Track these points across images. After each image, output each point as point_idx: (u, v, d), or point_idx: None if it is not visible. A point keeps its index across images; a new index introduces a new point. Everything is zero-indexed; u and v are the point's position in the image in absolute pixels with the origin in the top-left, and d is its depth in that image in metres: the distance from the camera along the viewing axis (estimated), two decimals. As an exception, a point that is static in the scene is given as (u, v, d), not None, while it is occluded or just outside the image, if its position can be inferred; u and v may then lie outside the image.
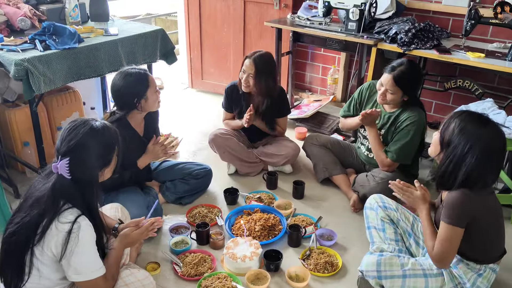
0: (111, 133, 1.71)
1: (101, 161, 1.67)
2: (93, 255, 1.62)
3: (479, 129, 1.74)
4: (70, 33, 2.64)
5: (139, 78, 2.32)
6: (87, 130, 1.62)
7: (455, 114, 1.83)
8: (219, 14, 4.15)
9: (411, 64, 2.50)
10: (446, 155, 1.79)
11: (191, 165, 2.80)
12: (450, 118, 1.82)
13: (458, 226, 1.76)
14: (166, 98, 4.43)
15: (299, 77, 4.28)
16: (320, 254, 2.28)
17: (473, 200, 1.75)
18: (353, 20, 3.18)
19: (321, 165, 2.91)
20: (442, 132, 1.83)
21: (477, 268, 1.88)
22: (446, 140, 1.80)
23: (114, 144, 1.72)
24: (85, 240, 1.58)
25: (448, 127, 1.80)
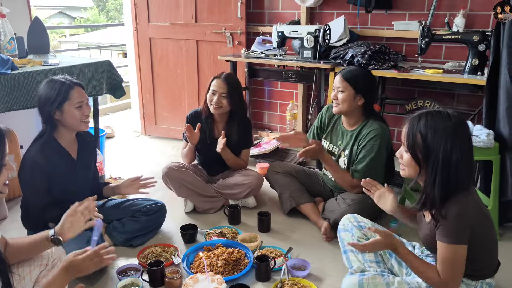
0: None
1: None
2: None
3: (449, 121, 1.55)
4: (2, 60, 2.39)
5: (59, 87, 2.06)
6: None
7: (412, 123, 1.60)
8: (171, 56, 4.04)
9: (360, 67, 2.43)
10: (431, 168, 1.55)
11: (141, 201, 2.49)
12: (411, 130, 1.59)
13: (462, 243, 1.53)
14: (117, 147, 4.15)
15: (257, 116, 4.15)
16: (293, 286, 1.98)
17: (469, 208, 1.54)
18: (308, 48, 3.12)
19: (287, 194, 2.68)
20: (410, 149, 1.60)
21: (473, 285, 1.65)
22: (421, 153, 1.57)
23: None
24: None
25: (415, 139, 1.58)
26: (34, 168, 2.05)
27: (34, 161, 2.06)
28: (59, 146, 2.16)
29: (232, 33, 3.73)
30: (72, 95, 2.09)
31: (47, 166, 2.08)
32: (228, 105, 2.70)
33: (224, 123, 2.79)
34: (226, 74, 2.72)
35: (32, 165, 2.06)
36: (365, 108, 2.44)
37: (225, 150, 2.72)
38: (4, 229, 2.55)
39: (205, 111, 2.79)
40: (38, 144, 2.12)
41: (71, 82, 2.12)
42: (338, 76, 2.43)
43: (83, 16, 23.35)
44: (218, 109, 2.69)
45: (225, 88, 2.66)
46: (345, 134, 2.52)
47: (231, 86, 2.68)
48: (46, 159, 2.08)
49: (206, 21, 3.82)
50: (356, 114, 2.46)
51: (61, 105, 2.07)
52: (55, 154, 2.13)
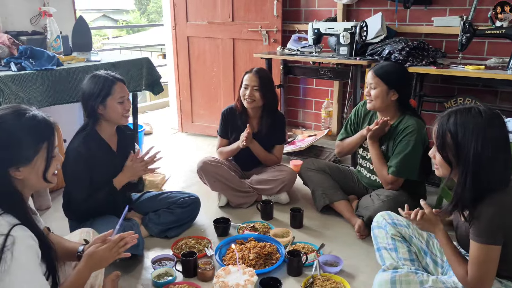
0: (41, 125, 1.40)
1: (16, 156, 1.36)
2: (32, 272, 1.32)
3: (480, 118, 1.47)
4: (48, 56, 2.52)
5: (103, 82, 2.14)
6: (9, 113, 1.37)
7: (441, 122, 1.53)
8: (208, 54, 4.10)
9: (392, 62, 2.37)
10: (462, 167, 1.50)
11: (177, 194, 2.55)
12: (440, 129, 1.53)
13: (495, 244, 1.47)
14: (155, 144, 4.24)
15: (292, 114, 4.14)
16: (325, 281, 1.97)
17: (505, 208, 1.47)
18: (344, 45, 3.10)
19: (320, 191, 2.66)
20: (440, 149, 1.55)
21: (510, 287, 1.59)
22: (452, 152, 1.51)
23: (41, 139, 1.40)
24: (22, 256, 1.29)
25: (445, 139, 1.52)
26: (77, 159, 2.14)
27: (77, 152, 2.14)
28: (100, 139, 2.24)
29: (268, 31, 3.75)
30: (115, 90, 2.17)
31: (89, 157, 2.16)
32: (260, 98, 2.72)
33: (258, 119, 2.81)
34: (257, 68, 2.76)
35: (75, 156, 2.14)
36: (400, 103, 2.40)
37: (253, 144, 2.74)
38: (47, 219, 2.67)
39: (239, 107, 2.82)
40: (81, 136, 2.21)
41: (114, 78, 2.19)
42: (370, 72, 2.40)
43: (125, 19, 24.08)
44: (251, 102, 2.71)
45: (256, 81, 2.69)
46: (381, 130, 2.47)
47: (263, 79, 2.71)
48: (88, 150, 2.16)
49: (243, 20, 3.86)
50: (391, 110, 2.42)
51: (104, 100, 2.15)
52: (96, 146, 2.21)
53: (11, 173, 1.36)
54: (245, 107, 2.78)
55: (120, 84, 2.20)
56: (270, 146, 2.87)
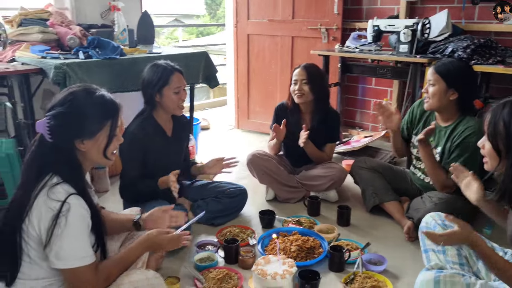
0: (107, 103, 1.53)
1: (82, 129, 1.47)
2: (80, 240, 1.41)
3: None
4: (113, 46, 2.67)
5: (162, 72, 2.23)
6: (80, 90, 1.49)
7: (495, 111, 1.47)
8: (267, 52, 4.14)
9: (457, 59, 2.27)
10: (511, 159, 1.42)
11: (225, 184, 2.61)
12: (493, 117, 1.46)
13: None
14: (211, 138, 4.37)
15: (349, 114, 4.07)
16: (366, 279, 1.91)
17: None
18: (404, 42, 3.00)
19: (370, 190, 2.58)
20: (491, 137, 1.47)
21: None
22: (503, 142, 1.44)
23: (106, 117, 1.51)
24: (74, 223, 1.39)
25: (497, 127, 1.44)
26: (133, 141, 2.25)
27: (134, 134, 2.26)
28: (156, 124, 2.34)
29: (328, 29, 3.72)
30: (172, 80, 2.26)
31: (145, 140, 2.27)
32: (309, 91, 2.69)
33: (310, 114, 2.79)
34: (305, 64, 2.75)
35: (131, 138, 2.25)
36: (460, 103, 2.27)
37: (308, 143, 2.71)
38: (104, 200, 2.83)
39: (290, 103, 2.82)
40: (138, 120, 2.33)
41: (172, 68, 2.29)
42: (431, 68, 2.29)
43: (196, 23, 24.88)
44: (301, 96, 2.70)
45: (304, 74, 2.68)
46: (438, 131, 2.36)
47: (311, 72, 2.69)
48: (144, 133, 2.27)
49: (303, 18, 3.85)
50: (449, 110, 2.29)
51: (161, 89, 2.25)
52: (152, 130, 2.32)
53: (76, 144, 1.48)
54: (296, 104, 2.77)
55: (177, 75, 2.29)
56: (322, 143, 2.83)
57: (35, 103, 2.73)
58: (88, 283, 1.44)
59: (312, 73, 2.69)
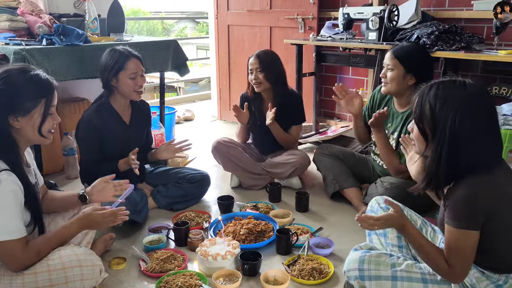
0: (42, 82, 1.56)
1: (16, 105, 1.51)
2: (10, 214, 1.44)
3: (463, 91, 1.35)
4: (77, 33, 2.69)
5: (118, 56, 2.25)
6: (16, 68, 1.53)
7: (422, 93, 1.43)
8: (246, 42, 4.14)
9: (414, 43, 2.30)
10: (436, 142, 1.37)
11: (187, 170, 2.62)
12: (421, 99, 1.42)
13: (471, 229, 1.33)
14: (193, 129, 4.39)
15: (327, 105, 4.04)
16: (308, 261, 1.92)
17: (486, 190, 1.34)
18: (373, 30, 2.98)
19: (331, 176, 2.58)
20: (418, 120, 1.43)
21: (495, 278, 1.43)
22: (429, 125, 1.39)
23: (40, 95, 1.55)
24: (4, 197, 1.42)
25: (423, 110, 1.40)
26: (89, 126, 2.28)
27: (89, 119, 2.29)
28: (112, 110, 2.36)
29: (304, 19, 3.71)
30: (128, 65, 2.27)
31: (100, 125, 2.29)
32: (265, 79, 2.70)
33: (271, 100, 2.79)
34: (258, 52, 2.75)
35: (87, 123, 2.29)
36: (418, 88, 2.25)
37: (274, 124, 2.71)
38: (74, 187, 2.86)
39: (250, 93, 2.84)
40: (94, 106, 2.36)
41: (129, 53, 2.30)
42: (389, 52, 2.28)
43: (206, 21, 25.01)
44: (259, 85, 2.71)
45: (257, 63, 2.69)
46: (395, 116, 2.36)
47: (263, 60, 2.69)
48: (100, 119, 2.29)
49: (280, 8, 3.85)
50: (407, 95, 2.28)
51: (117, 74, 2.26)
52: (108, 115, 2.33)
53: (10, 121, 1.51)
54: (256, 92, 2.78)
55: (134, 60, 2.30)
56: (287, 127, 2.83)
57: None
58: (15, 257, 1.47)
59: (265, 61, 2.69)
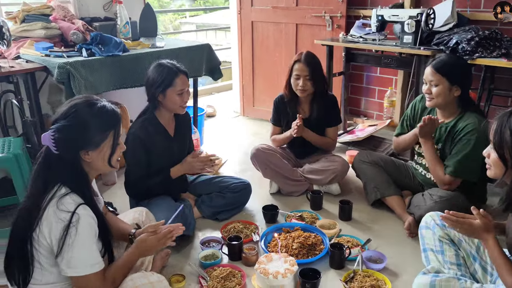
0: (109, 114, 1.56)
1: (86, 140, 1.51)
2: (90, 249, 1.47)
3: None
4: (115, 42, 2.68)
5: (167, 72, 2.24)
6: (82, 102, 1.52)
7: (501, 119, 1.47)
8: (271, 39, 4.11)
9: (452, 54, 2.30)
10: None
11: (229, 179, 2.65)
12: (499, 126, 1.47)
13: None
14: (216, 125, 4.40)
15: (354, 102, 4.06)
16: (365, 277, 1.97)
17: None
18: (408, 33, 2.96)
19: (372, 184, 2.61)
20: (497, 146, 1.48)
21: None
22: (509, 151, 1.44)
23: (109, 127, 1.56)
24: (84, 233, 1.44)
25: (503, 136, 1.45)
26: (136, 142, 2.29)
27: (136, 135, 2.30)
28: (158, 124, 2.37)
29: (332, 17, 3.68)
30: (176, 82, 2.27)
31: (147, 141, 2.31)
32: (312, 86, 2.71)
33: (309, 104, 2.80)
34: (306, 57, 2.70)
35: (134, 139, 2.29)
36: (461, 99, 2.27)
37: (306, 132, 2.73)
38: (112, 194, 2.89)
39: (287, 94, 2.82)
40: (140, 120, 2.36)
41: (177, 70, 2.28)
42: (429, 68, 2.27)
43: (205, 0, 24.56)
44: (304, 92, 2.71)
45: (307, 71, 2.67)
46: (439, 127, 2.37)
47: (313, 67, 2.68)
48: (147, 134, 2.31)
49: (307, 5, 3.81)
50: (451, 106, 2.30)
51: (165, 90, 2.26)
52: (154, 130, 2.35)
53: (81, 156, 1.53)
54: (294, 94, 2.78)
55: (182, 77, 2.29)
56: (323, 129, 2.85)
57: (41, 97, 2.77)
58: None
59: (314, 68, 2.68)
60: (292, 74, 2.73)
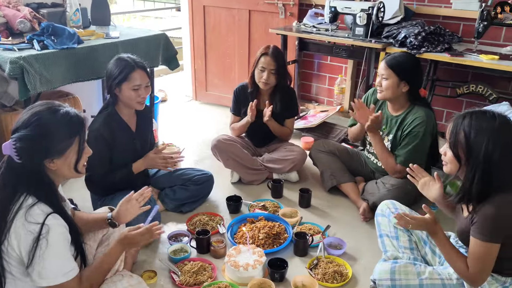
0: (73, 120, 1.51)
1: (51, 149, 1.47)
2: (63, 258, 1.47)
3: (493, 122, 1.57)
4: (69, 33, 2.57)
5: (123, 66, 2.20)
6: (44, 110, 1.47)
7: (456, 121, 1.64)
8: (223, 24, 4.10)
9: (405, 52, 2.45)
10: (471, 166, 1.60)
11: (191, 171, 2.68)
12: (455, 128, 1.64)
13: (495, 242, 1.58)
14: (169, 110, 4.36)
15: (305, 88, 4.19)
16: (328, 264, 2.12)
17: (507, 211, 1.57)
18: (360, 25, 3.10)
19: (328, 172, 2.77)
20: (452, 146, 1.65)
21: (502, 280, 1.70)
22: (463, 151, 1.61)
23: (73, 134, 1.51)
24: (56, 243, 1.43)
25: (458, 137, 1.62)
26: (98, 139, 2.25)
27: (99, 133, 2.26)
28: (120, 119, 2.34)
29: (285, 4, 3.73)
30: (132, 76, 2.21)
31: (110, 138, 2.28)
32: (275, 80, 2.80)
33: (269, 95, 2.88)
34: (273, 51, 2.76)
35: (96, 136, 2.25)
36: (410, 94, 2.44)
37: (271, 121, 2.83)
38: (69, 188, 2.82)
39: (251, 85, 2.89)
40: (102, 116, 2.32)
41: (135, 64, 2.23)
42: (382, 63, 2.43)
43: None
44: (267, 85, 2.78)
45: (274, 65, 2.74)
46: (389, 119, 2.54)
47: (279, 62, 2.76)
48: (109, 131, 2.27)
49: (260, -9, 3.83)
50: (401, 100, 2.47)
51: (120, 84, 2.22)
52: (116, 127, 2.32)
53: (46, 164, 1.49)
54: (256, 85, 2.85)
55: (139, 72, 2.24)
56: (282, 120, 2.96)
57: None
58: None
59: (280, 63, 2.76)
60: (257, 65, 2.78)
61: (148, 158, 2.40)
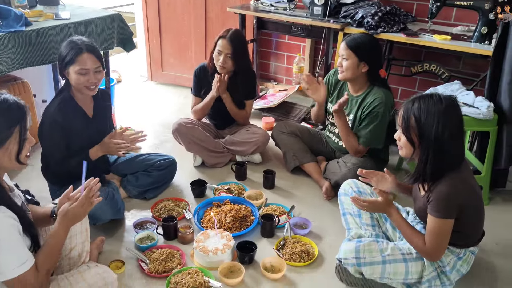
0: (12, 109, 1.42)
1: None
2: (15, 250, 1.41)
3: (440, 104, 1.67)
4: (15, 15, 2.41)
5: (71, 48, 2.09)
6: None
7: (406, 107, 1.73)
8: (178, 1, 3.98)
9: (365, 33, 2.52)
10: (424, 148, 1.69)
11: (154, 156, 2.63)
12: (405, 113, 1.72)
13: (449, 218, 1.69)
14: (124, 92, 4.23)
15: (263, 67, 4.17)
16: (295, 243, 2.18)
17: (460, 187, 1.69)
18: (318, 5, 3.10)
19: (291, 153, 2.81)
20: (405, 131, 1.73)
21: (457, 252, 1.84)
22: (416, 134, 1.70)
23: (13, 123, 1.42)
24: (4, 236, 1.37)
25: (409, 122, 1.71)
26: (53, 125, 2.14)
27: (53, 119, 2.14)
28: (75, 105, 2.24)
29: (242, -18, 3.66)
30: (78, 59, 2.10)
31: (65, 124, 2.17)
32: (232, 65, 2.76)
33: (229, 79, 2.84)
34: (231, 34, 2.71)
35: (50, 123, 2.15)
36: (370, 74, 2.50)
37: (226, 95, 2.81)
38: (26, 178, 2.70)
39: (211, 67, 2.85)
40: (56, 101, 2.20)
41: (84, 47, 2.11)
42: (343, 43, 2.46)
43: None
44: (224, 69, 2.75)
45: (230, 49, 2.70)
46: (350, 100, 2.59)
47: (236, 47, 2.71)
48: (64, 116, 2.16)
49: (215, -33, 3.73)
50: (360, 81, 2.52)
51: (67, 67, 2.12)
52: (71, 112, 2.21)
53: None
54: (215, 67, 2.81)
55: (86, 55, 2.11)
56: (242, 102, 2.95)
57: None
58: (32, 285, 1.46)
59: (237, 48, 2.71)
60: (215, 48, 2.74)
61: (103, 143, 2.29)
